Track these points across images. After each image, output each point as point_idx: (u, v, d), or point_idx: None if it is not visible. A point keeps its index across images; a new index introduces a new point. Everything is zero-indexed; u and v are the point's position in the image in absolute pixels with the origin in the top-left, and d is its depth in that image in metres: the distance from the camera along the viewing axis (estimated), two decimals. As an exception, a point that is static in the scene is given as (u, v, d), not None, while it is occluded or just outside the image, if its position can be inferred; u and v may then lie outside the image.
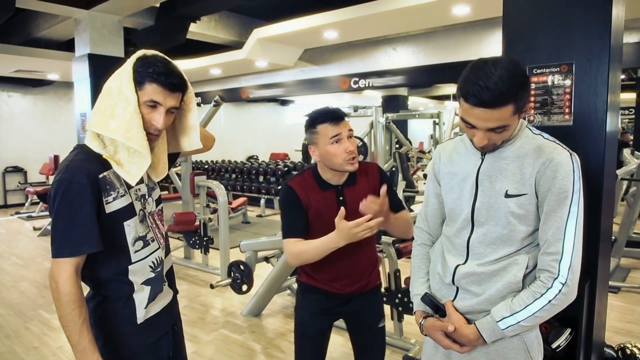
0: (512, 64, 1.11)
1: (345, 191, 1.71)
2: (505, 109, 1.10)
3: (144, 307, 1.35)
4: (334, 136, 1.62)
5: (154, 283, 1.38)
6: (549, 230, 1.17)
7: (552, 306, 1.16)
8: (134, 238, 1.30)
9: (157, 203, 1.45)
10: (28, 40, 7.14)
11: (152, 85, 1.24)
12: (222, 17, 7.34)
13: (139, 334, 1.36)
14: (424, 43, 6.83)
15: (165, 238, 1.47)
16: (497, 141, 1.19)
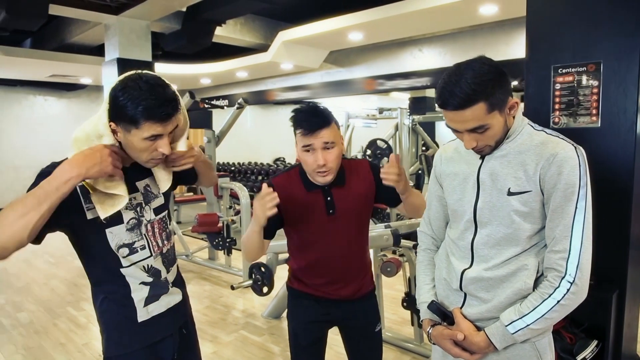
0: (481, 64, 1.11)
1: (334, 192, 1.60)
2: (476, 108, 1.09)
3: (142, 305, 1.36)
4: (304, 146, 1.49)
5: (152, 285, 1.38)
6: (555, 228, 1.13)
7: (562, 307, 1.11)
8: (117, 245, 1.29)
9: (158, 212, 1.42)
10: (62, 46, 7.39)
11: (149, 123, 1.18)
12: (247, 20, 7.41)
13: (139, 332, 1.37)
14: (450, 44, 6.72)
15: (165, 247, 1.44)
16: (488, 142, 1.17)
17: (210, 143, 5.36)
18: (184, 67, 9.01)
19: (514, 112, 1.17)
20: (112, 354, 1.37)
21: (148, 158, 1.26)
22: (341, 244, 1.63)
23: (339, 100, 12.95)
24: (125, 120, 1.18)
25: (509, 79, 1.13)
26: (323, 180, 1.53)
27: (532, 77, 2.20)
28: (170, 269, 1.46)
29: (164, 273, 1.42)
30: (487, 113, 1.10)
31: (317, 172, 1.51)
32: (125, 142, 1.24)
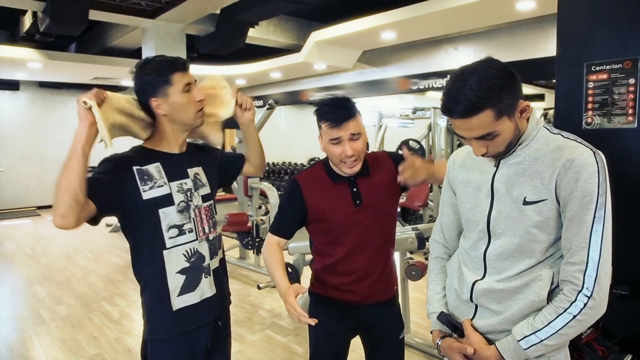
0: (487, 67, 1.04)
1: (359, 182, 1.60)
2: (483, 116, 1.04)
3: (177, 294, 1.43)
4: (332, 139, 1.51)
5: (190, 273, 1.45)
6: (572, 238, 1.06)
7: (578, 322, 1.05)
8: (168, 225, 1.42)
9: (205, 199, 1.53)
10: (103, 49, 7.67)
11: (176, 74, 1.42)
12: (280, 21, 7.46)
13: (173, 320, 1.44)
14: (486, 41, 6.53)
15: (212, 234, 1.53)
16: (498, 148, 1.11)
17: (242, 143, 5.41)
18: (219, 69, 9.16)
19: (526, 115, 1.10)
20: (149, 337, 1.46)
21: (194, 111, 1.45)
22: (367, 235, 1.61)
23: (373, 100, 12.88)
24: (160, 85, 1.40)
25: (518, 81, 1.07)
26: (351, 171, 1.54)
27: (563, 76, 2.10)
28: (215, 257, 1.54)
29: (208, 259, 1.50)
30: (495, 120, 1.05)
31: (345, 162, 1.53)
32: (171, 109, 1.43)
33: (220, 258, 1.59)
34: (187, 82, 1.43)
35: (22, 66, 7.60)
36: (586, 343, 1.92)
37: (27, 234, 7.62)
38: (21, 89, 9.65)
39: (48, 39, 6.33)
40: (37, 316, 3.96)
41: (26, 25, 6.44)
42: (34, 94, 9.86)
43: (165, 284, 1.42)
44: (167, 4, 5.46)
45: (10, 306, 4.25)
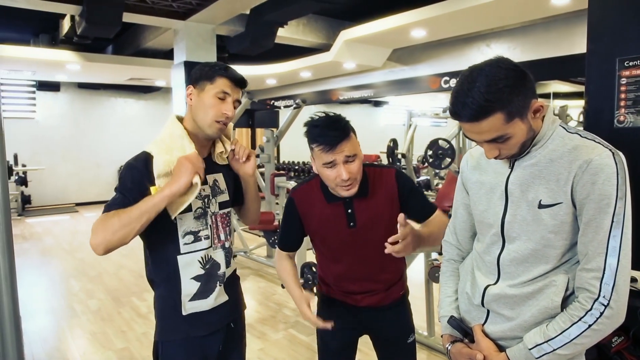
0: (497, 68, 0.99)
1: (355, 204, 1.52)
2: (493, 119, 0.99)
3: (188, 299, 1.43)
4: (326, 163, 1.41)
5: (204, 280, 1.45)
6: (589, 243, 1.01)
7: (594, 332, 0.99)
8: (184, 231, 1.42)
9: (222, 207, 1.52)
10: (138, 51, 7.88)
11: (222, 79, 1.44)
12: (310, 20, 7.46)
13: (183, 324, 1.45)
14: (520, 38, 6.33)
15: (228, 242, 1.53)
16: (511, 150, 1.06)
17: (269, 142, 5.45)
18: (249, 69, 9.26)
19: (540, 114, 1.05)
20: (160, 338, 1.47)
21: (213, 118, 1.42)
22: (365, 257, 1.57)
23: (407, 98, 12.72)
24: (203, 78, 1.43)
25: (530, 80, 1.01)
26: (347, 194, 1.46)
27: (594, 72, 2.00)
28: (230, 265, 1.54)
29: (223, 267, 1.50)
30: (506, 122, 1.00)
31: (340, 186, 1.45)
32: (197, 104, 1.44)
33: (234, 267, 1.60)
34: (226, 91, 1.43)
35: (62, 68, 7.90)
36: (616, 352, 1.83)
37: (65, 229, 7.92)
38: (61, 90, 10.05)
39: (85, 42, 6.55)
40: (71, 309, 4.10)
41: (65, 28, 6.68)
42: (74, 94, 10.24)
43: (178, 289, 1.42)
44: (198, 5, 5.55)
45: (46, 299, 4.42)
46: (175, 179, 1.31)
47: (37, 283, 4.89)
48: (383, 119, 15.37)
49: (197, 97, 1.44)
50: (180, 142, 1.42)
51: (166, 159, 1.38)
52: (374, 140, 14.61)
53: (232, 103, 1.44)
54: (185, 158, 1.34)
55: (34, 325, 3.69)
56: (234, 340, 1.59)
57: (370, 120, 15.17)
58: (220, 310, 1.50)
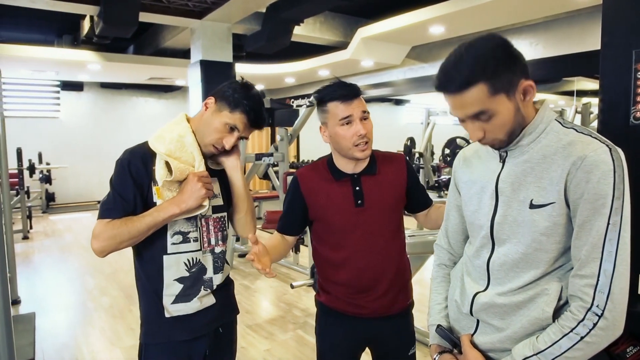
0: (486, 41, 0.94)
1: (363, 181, 1.51)
2: (476, 90, 0.93)
3: (170, 302, 1.39)
4: (344, 117, 1.42)
5: (188, 283, 1.40)
6: (582, 247, 0.92)
7: (587, 344, 0.91)
8: (174, 231, 1.38)
9: (215, 210, 1.47)
10: (157, 50, 7.96)
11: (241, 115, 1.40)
12: (327, 18, 7.40)
13: (165, 327, 1.40)
14: (542, 33, 6.13)
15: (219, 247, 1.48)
16: (497, 134, 0.98)
17: (283, 141, 5.42)
18: (267, 67, 9.27)
19: (530, 98, 0.97)
20: (144, 340, 1.43)
21: (212, 142, 1.39)
22: (371, 240, 1.50)
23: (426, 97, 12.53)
24: (227, 101, 1.38)
25: (521, 60, 0.95)
26: (363, 154, 1.45)
27: (609, 65, 1.89)
28: (220, 272, 1.47)
29: (210, 272, 1.45)
30: (490, 96, 0.93)
31: (356, 145, 1.44)
32: (208, 118, 1.40)
33: (227, 274, 1.54)
34: (238, 127, 1.39)
35: (83, 68, 8.05)
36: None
37: (85, 226, 8.06)
38: (85, 89, 10.25)
39: (104, 42, 6.64)
40: (84, 306, 4.15)
41: (85, 29, 6.80)
42: (96, 94, 10.43)
43: (160, 289, 1.38)
44: (213, 3, 5.56)
45: (61, 295, 4.49)
46: (185, 199, 1.31)
47: (54, 279, 4.97)
48: (404, 118, 15.20)
49: (211, 114, 1.40)
50: (191, 151, 1.38)
51: (176, 165, 1.34)
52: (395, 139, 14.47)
53: (237, 138, 1.41)
54: (199, 179, 1.33)
55: (47, 321, 3.74)
56: (222, 346, 1.53)
57: (391, 118, 15.02)
58: (207, 314, 1.45)
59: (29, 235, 7.11)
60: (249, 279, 4.87)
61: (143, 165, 1.35)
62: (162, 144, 1.36)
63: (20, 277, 4.49)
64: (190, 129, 1.41)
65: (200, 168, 1.39)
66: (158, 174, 1.34)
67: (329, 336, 1.61)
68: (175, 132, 1.39)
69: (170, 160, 1.34)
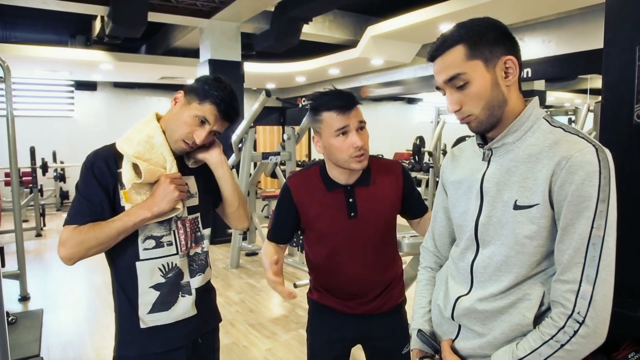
0: (477, 19, 0.97)
1: (357, 192, 1.46)
2: (454, 51, 0.95)
3: (147, 311, 1.32)
4: (339, 128, 1.37)
5: (165, 289, 1.33)
6: (565, 251, 0.89)
7: (568, 352, 0.87)
8: (145, 235, 1.31)
9: (191, 211, 1.40)
10: (168, 50, 8.03)
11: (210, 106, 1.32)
12: (336, 16, 7.37)
13: (141, 339, 1.33)
14: (556, 30, 6.03)
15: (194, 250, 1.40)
16: (473, 107, 0.97)
17: (290, 140, 5.41)
18: (277, 66, 9.28)
19: (512, 78, 0.95)
20: (117, 354, 1.36)
21: (181, 136, 1.32)
22: (363, 251, 1.48)
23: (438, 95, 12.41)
24: (196, 93, 1.31)
25: (510, 38, 0.96)
26: (360, 166, 1.41)
27: (612, 62, 1.84)
28: (198, 275, 1.40)
29: (187, 276, 1.38)
30: (466, 59, 0.94)
31: (353, 157, 1.39)
32: (177, 113, 1.33)
33: (207, 276, 1.46)
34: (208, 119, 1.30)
35: (96, 68, 8.15)
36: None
37: (98, 224, 8.15)
38: (98, 89, 10.37)
39: (115, 42, 6.72)
40: (91, 303, 4.20)
41: (97, 29, 6.88)
42: (110, 93, 10.55)
43: (134, 298, 1.31)
44: (221, 3, 5.57)
45: (70, 292, 4.54)
46: (157, 203, 1.25)
47: (64, 276, 5.04)
48: (416, 117, 15.07)
49: (180, 108, 1.33)
50: (161, 152, 1.32)
51: (145, 167, 1.27)
52: (407, 138, 14.36)
53: (208, 132, 1.32)
54: (171, 181, 1.27)
55: (54, 318, 3.78)
56: (202, 356, 1.46)
57: (403, 117, 14.91)
58: (186, 324, 1.38)
59: (42, 232, 7.22)
60: (255, 278, 4.88)
61: (107, 167, 1.29)
62: (130, 146, 1.30)
63: (31, 273, 4.55)
64: (160, 129, 1.34)
65: (172, 169, 1.32)
66: (125, 177, 1.28)
67: (320, 333, 1.61)
68: (144, 133, 1.32)
69: (139, 162, 1.27)
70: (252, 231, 5.91)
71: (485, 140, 1.04)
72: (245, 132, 5.15)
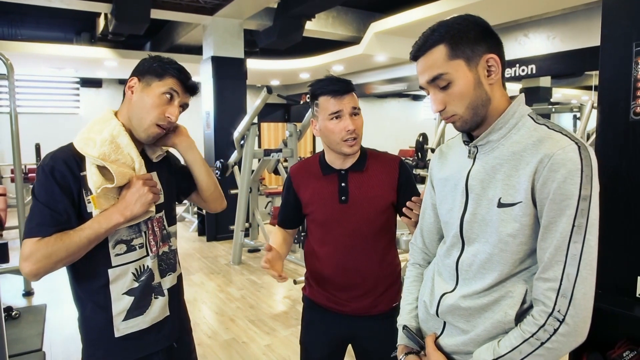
0: (458, 18, 0.97)
1: (350, 177, 1.50)
2: (435, 51, 0.95)
3: (122, 319, 1.25)
4: (333, 112, 1.43)
5: (139, 294, 1.27)
6: (547, 249, 0.88)
7: (548, 350, 0.87)
8: (116, 240, 1.23)
9: (158, 210, 1.33)
10: (172, 47, 8.05)
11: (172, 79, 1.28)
12: (339, 13, 7.36)
13: (115, 348, 1.26)
14: (560, 26, 5.98)
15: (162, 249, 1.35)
16: (457, 107, 0.97)
17: (292, 137, 5.41)
18: (281, 63, 9.28)
19: (495, 76, 0.95)
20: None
21: (154, 120, 1.24)
22: (353, 238, 1.49)
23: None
24: (152, 72, 1.25)
25: (492, 37, 0.95)
26: (351, 150, 1.46)
27: (608, 59, 1.83)
28: (169, 274, 1.35)
29: (158, 277, 1.32)
30: (448, 59, 0.94)
31: (344, 140, 1.44)
32: (138, 100, 1.24)
33: (177, 275, 1.40)
34: (174, 89, 1.25)
35: (100, 65, 8.19)
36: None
37: (103, 220, 8.20)
38: (103, 86, 10.43)
39: (119, 39, 6.74)
40: (94, 298, 4.23)
41: (101, 26, 6.91)
42: (115, 90, 10.60)
43: (108, 308, 1.23)
44: (224, 0, 5.58)
45: (73, 287, 4.58)
46: (129, 207, 1.18)
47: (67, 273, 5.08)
48: (422, 113, 15.03)
49: (140, 93, 1.25)
50: (127, 152, 1.24)
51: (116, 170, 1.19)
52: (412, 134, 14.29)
53: (178, 106, 1.26)
54: (144, 183, 1.20)
55: (57, 314, 3.82)
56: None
57: (408, 114, 14.87)
58: (161, 328, 1.32)
59: (48, 228, 7.28)
60: (256, 274, 4.90)
61: (69, 170, 1.17)
62: (92, 148, 1.19)
63: (34, 269, 4.60)
64: (122, 126, 1.25)
65: (141, 170, 1.25)
66: (91, 180, 1.17)
67: (312, 331, 1.62)
68: (106, 132, 1.22)
69: (108, 164, 1.18)
70: (255, 228, 5.92)
71: (472, 138, 1.04)
72: (247, 129, 5.16)
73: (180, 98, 1.27)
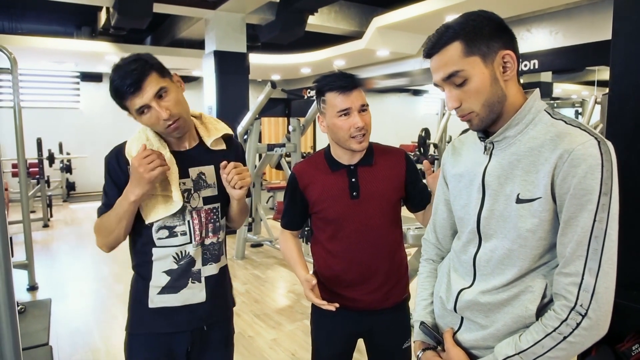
0: (472, 14, 0.96)
1: (359, 172, 1.50)
2: (450, 48, 0.94)
3: (157, 292, 1.38)
4: (342, 110, 1.41)
5: (176, 275, 1.39)
6: (567, 244, 0.89)
7: (571, 344, 0.88)
8: (158, 226, 1.37)
9: (208, 201, 1.43)
10: (173, 41, 8.02)
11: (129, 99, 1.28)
12: (341, 7, 7.34)
13: (148, 318, 1.40)
14: (563, 21, 5.97)
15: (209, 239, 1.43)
16: (473, 104, 0.96)
17: (295, 132, 5.41)
18: (283, 58, 9.25)
19: (510, 72, 0.95)
20: (129, 330, 1.44)
21: (159, 128, 1.33)
22: (365, 233, 1.50)
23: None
24: (114, 96, 1.30)
25: (507, 32, 0.95)
26: (359, 147, 1.45)
27: (620, 54, 1.82)
28: (211, 264, 1.44)
29: (199, 264, 1.41)
30: (464, 56, 0.93)
31: (354, 137, 1.43)
32: (136, 120, 1.34)
33: (220, 266, 1.48)
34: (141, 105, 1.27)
35: (101, 59, 8.16)
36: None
37: (105, 215, 8.21)
38: (104, 80, 10.39)
39: (120, 33, 6.72)
40: (98, 293, 4.25)
41: (102, 20, 6.88)
42: (116, 85, 10.57)
43: (148, 280, 1.39)
44: (226, -6, 5.56)
45: (77, 282, 4.60)
46: (132, 190, 1.28)
47: (71, 266, 5.10)
48: (423, 108, 15.00)
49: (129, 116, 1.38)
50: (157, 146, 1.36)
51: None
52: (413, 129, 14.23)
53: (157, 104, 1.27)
54: (138, 164, 1.24)
55: (63, 307, 3.83)
56: (209, 345, 1.48)
57: (409, 109, 14.85)
58: (193, 310, 1.42)
59: (49, 223, 7.29)
60: (260, 269, 4.91)
61: (117, 165, 1.36)
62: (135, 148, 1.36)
63: (38, 264, 4.60)
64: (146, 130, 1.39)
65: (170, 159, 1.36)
66: None
67: (323, 327, 1.62)
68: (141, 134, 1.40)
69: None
70: (258, 222, 5.93)
71: (487, 134, 1.04)
72: (251, 123, 5.15)
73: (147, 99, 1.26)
